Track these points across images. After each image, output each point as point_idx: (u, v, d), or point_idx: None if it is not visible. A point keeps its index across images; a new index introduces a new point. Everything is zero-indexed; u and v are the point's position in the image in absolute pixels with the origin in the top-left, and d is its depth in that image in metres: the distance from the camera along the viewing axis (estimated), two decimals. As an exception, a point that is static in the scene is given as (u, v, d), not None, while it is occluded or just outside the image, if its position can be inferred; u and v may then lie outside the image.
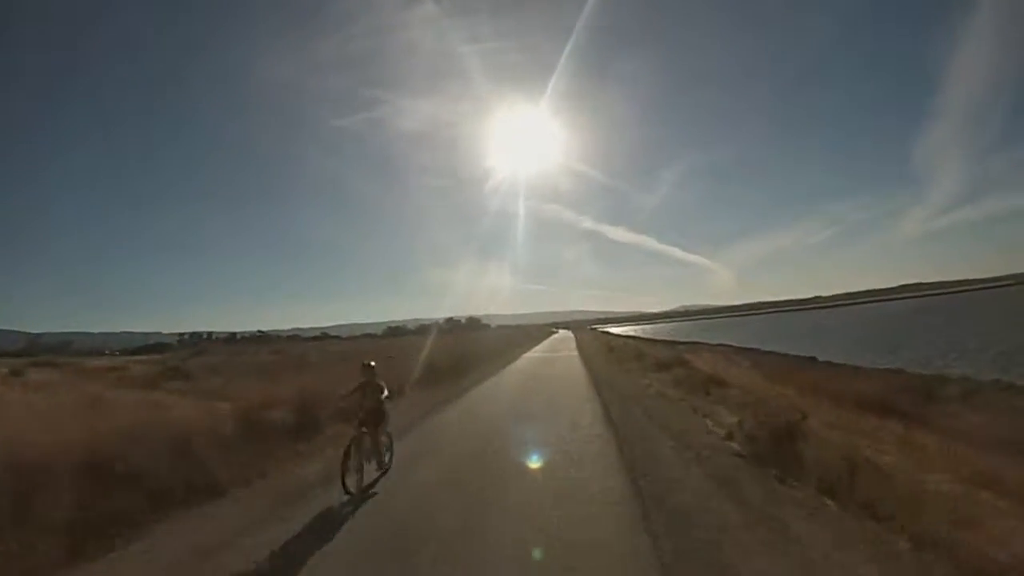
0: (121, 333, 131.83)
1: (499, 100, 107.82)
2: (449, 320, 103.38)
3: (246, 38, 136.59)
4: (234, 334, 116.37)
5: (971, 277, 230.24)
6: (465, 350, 26.04)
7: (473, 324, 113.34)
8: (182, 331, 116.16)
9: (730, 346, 40.37)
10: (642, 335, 72.99)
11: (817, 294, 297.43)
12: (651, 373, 17.15)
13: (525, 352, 36.22)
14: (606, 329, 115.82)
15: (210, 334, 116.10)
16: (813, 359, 28.52)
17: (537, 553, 4.54)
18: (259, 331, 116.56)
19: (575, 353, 32.37)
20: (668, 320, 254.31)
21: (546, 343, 52.60)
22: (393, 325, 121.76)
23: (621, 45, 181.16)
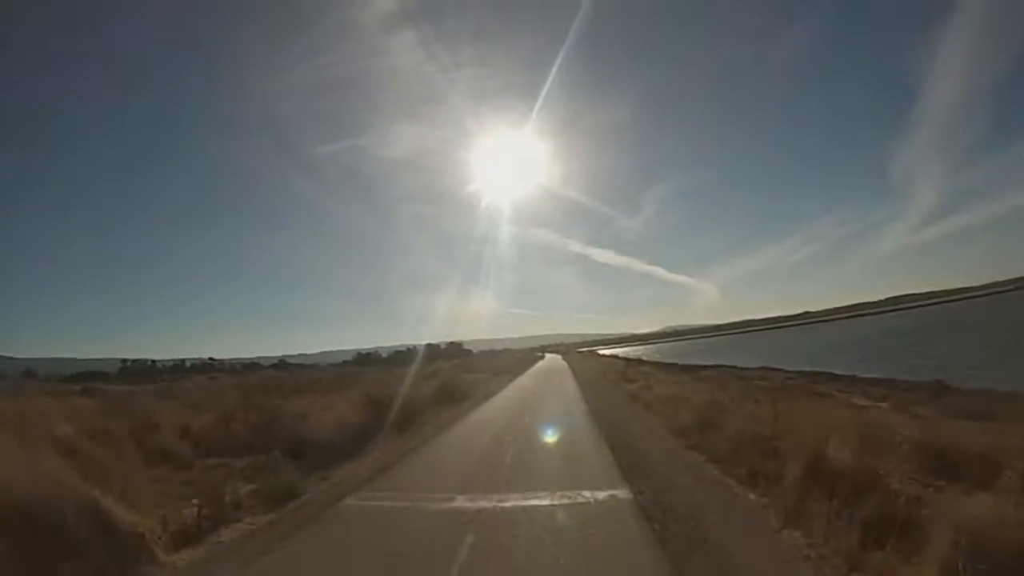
0: (48, 359, 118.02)
1: (483, 126, 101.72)
2: (429, 346, 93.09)
3: (225, 58, 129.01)
4: (182, 361, 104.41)
5: (963, 286, 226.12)
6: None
7: (455, 350, 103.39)
8: (123, 357, 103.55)
9: (778, 370, 31.17)
10: (648, 358, 63.24)
11: (805, 310, 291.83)
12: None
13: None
14: (613, 352, 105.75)
15: (154, 362, 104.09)
16: (942, 385, 19.27)
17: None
18: (210, 358, 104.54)
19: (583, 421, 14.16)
20: (659, 341, 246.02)
21: (527, 383, 31.14)
22: (364, 352, 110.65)
23: (605, 70, 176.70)
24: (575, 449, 10.42)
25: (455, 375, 26.11)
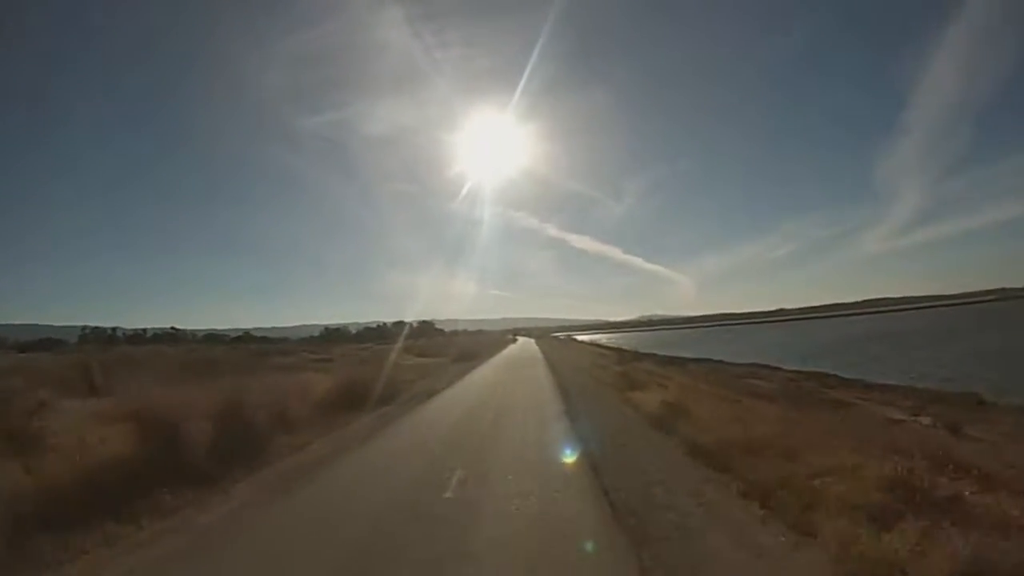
0: (20, 326, 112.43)
1: (467, 106, 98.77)
2: (399, 324, 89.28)
3: (208, 27, 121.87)
4: (144, 331, 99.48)
5: (937, 293, 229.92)
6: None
7: (426, 329, 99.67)
8: (82, 324, 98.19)
9: (774, 368, 28.52)
10: (625, 346, 60.56)
11: (780, 307, 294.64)
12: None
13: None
14: (592, 338, 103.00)
15: (114, 330, 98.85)
16: (978, 399, 16.55)
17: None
18: (172, 328, 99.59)
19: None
20: (633, 329, 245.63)
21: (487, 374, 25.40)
22: (332, 328, 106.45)
23: (590, 56, 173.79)
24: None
25: (399, 361, 21.49)
